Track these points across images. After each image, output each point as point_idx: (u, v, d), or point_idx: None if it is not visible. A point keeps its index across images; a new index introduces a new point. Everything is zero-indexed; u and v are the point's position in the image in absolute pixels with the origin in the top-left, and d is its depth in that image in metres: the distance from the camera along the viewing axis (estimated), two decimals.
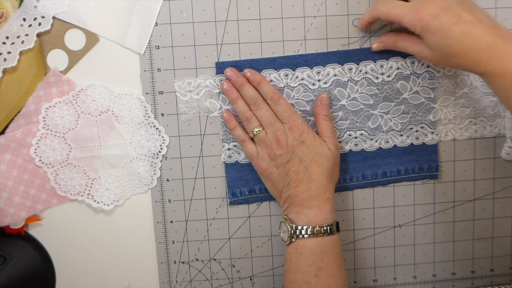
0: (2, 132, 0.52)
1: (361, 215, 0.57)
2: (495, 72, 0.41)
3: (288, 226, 0.48)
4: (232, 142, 0.54)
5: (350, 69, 0.53)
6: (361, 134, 0.54)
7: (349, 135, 0.54)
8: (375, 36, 0.53)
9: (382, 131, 0.54)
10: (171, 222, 0.56)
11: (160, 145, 0.54)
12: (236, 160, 0.54)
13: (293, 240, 0.48)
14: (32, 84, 0.51)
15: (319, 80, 0.53)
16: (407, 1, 0.47)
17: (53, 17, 0.50)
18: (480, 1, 0.53)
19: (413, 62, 0.53)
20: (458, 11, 0.43)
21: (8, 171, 0.52)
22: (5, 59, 0.49)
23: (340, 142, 0.54)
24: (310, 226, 0.47)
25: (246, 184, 0.55)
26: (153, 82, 0.53)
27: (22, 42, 0.50)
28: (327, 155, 0.50)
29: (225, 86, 0.51)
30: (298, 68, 0.53)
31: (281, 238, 0.50)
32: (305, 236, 0.47)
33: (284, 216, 0.50)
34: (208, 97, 0.53)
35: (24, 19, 0.50)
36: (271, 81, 0.53)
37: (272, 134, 0.50)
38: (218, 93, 0.53)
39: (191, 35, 0.52)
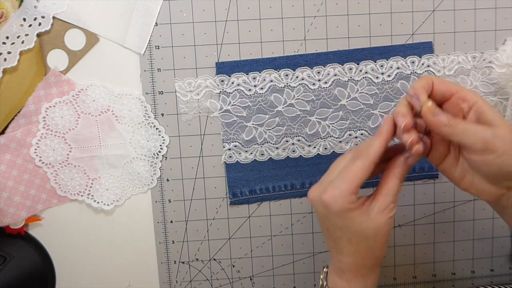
0: (2, 132, 0.52)
1: None
2: None
3: (321, 279, 0.43)
4: (233, 142, 0.54)
5: (350, 69, 0.53)
6: (362, 134, 0.54)
7: (350, 135, 0.54)
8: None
9: None
10: (171, 222, 0.56)
11: (160, 145, 0.54)
12: (237, 160, 0.54)
13: None
14: (32, 84, 0.51)
15: (319, 80, 0.53)
16: None
17: (53, 17, 0.50)
18: (480, 1, 0.53)
19: (413, 62, 0.53)
20: None
21: (8, 171, 0.52)
22: (5, 59, 0.49)
23: (340, 142, 0.54)
24: None
25: (246, 184, 0.55)
26: (153, 82, 0.53)
27: (22, 42, 0.50)
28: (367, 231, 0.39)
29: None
30: (298, 68, 0.53)
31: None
32: None
33: (328, 264, 0.45)
34: (209, 97, 0.53)
35: (24, 19, 0.50)
36: (271, 81, 0.53)
37: None
38: (218, 93, 0.53)
39: (191, 35, 0.52)
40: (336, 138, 0.54)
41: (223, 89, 0.53)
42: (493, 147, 0.36)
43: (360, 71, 0.53)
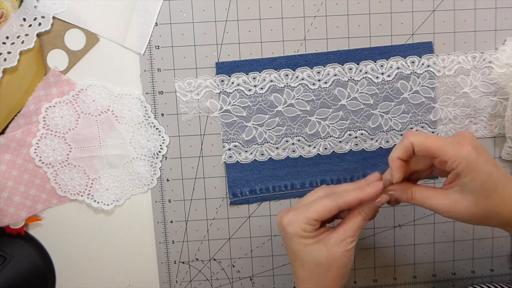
0: (2, 132, 0.52)
1: None
2: None
3: None
4: (233, 142, 0.54)
5: (350, 69, 0.53)
6: (362, 134, 0.54)
7: (350, 135, 0.54)
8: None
9: (383, 131, 0.54)
10: (171, 222, 0.56)
11: (160, 145, 0.54)
12: (237, 160, 0.54)
13: None
14: (32, 84, 0.51)
15: (319, 80, 0.53)
16: None
17: (53, 17, 0.50)
18: (480, 1, 0.53)
19: (413, 62, 0.53)
20: (488, 154, 0.38)
21: (8, 171, 0.52)
22: (5, 59, 0.49)
23: (340, 142, 0.54)
24: None
25: (247, 184, 0.55)
26: (153, 82, 0.53)
27: (22, 42, 0.50)
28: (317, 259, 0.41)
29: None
30: (298, 68, 0.53)
31: None
32: None
33: None
34: (209, 97, 0.53)
35: (24, 19, 0.50)
36: (271, 81, 0.53)
37: None
38: (218, 93, 0.53)
39: (191, 35, 0.52)
40: (336, 138, 0.54)
41: (223, 89, 0.53)
42: (457, 215, 0.39)
43: (360, 71, 0.53)
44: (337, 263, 0.41)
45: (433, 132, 0.55)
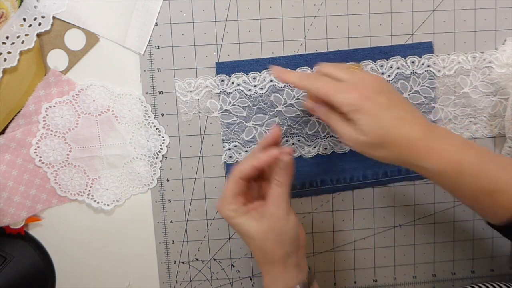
0: (2, 132, 0.52)
1: (361, 215, 0.57)
2: (434, 168, 0.40)
3: None
4: (233, 142, 0.54)
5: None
6: None
7: None
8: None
9: None
10: (171, 222, 0.56)
11: (160, 145, 0.54)
12: (237, 160, 0.54)
13: None
14: (32, 84, 0.51)
15: None
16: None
17: (53, 17, 0.50)
18: (480, 1, 0.53)
19: (413, 62, 0.53)
20: (393, 96, 0.41)
21: (8, 171, 0.52)
22: (5, 59, 0.49)
23: (340, 142, 0.54)
24: None
25: None
26: (153, 82, 0.53)
27: (22, 42, 0.50)
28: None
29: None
30: (298, 68, 0.53)
31: None
32: None
33: None
34: (209, 97, 0.53)
35: (24, 19, 0.50)
36: (271, 81, 0.53)
37: None
38: (218, 93, 0.53)
39: (191, 35, 0.52)
40: (336, 138, 0.54)
41: (223, 89, 0.53)
42: (354, 147, 0.42)
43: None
44: (270, 232, 0.43)
45: None
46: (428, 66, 0.53)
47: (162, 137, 0.54)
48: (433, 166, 0.40)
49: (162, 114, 0.53)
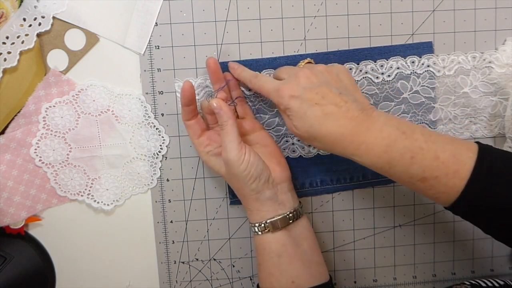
0: (2, 132, 0.52)
1: (361, 215, 0.57)
2: (364, 161, 0.41)
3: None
4: None
5: (350, 69, 0.53)
6: None
7: None
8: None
9: None
10: (171, 222, 0.56)
11: (160, 145, 0.54)
12: None
13: None
14: (32, 84, 0.51)
15: None
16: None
17: (53, 17, 0.50)
18: (480, 1, 0.53)
19: (413, 62, 0.53)
20: (323, 91, 0.42)
21: (8, 171, 0.52)
22: (5, 59, 0.49)
23: None
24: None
25: None
26: (153, 82, 0.53)
27: (22, 42, 0.50)
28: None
29: None
30: None
31: None
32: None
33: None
34: (208, 97, 0.53)
35: (24, 19, 0.50)
36: None
37: None
38: None
39: (191, 35, 0.52)
40: None
41: None
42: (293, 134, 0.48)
43: (360, 71, 0.53)
44: (230, 174, 0.47)
45: None
46: (428, 66, 0.53)
47: (162, 137, 0.54)
48: (363, 160, 0.41)
49: (162, 114, 0.53)
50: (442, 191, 0.40)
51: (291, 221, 0.48)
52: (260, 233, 0.47)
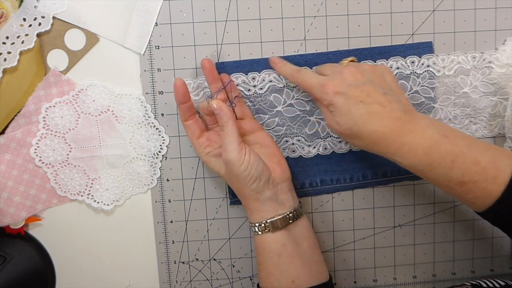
0: (2, 132, 0.52)
1: (361, 215, 0.57)
2: (404, 162, 0.42)
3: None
4: None
5: None
6: None
7: None
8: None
9: None
10: (171, 222, 0.56)
11: (160, 145, 0.54)
12: None
13: None
14: (32, 84, 0.51)
15: None
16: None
17: (53, 17, 0.50)
18: (480, 1, 0.53)
19: (413, 62, 0.53)
20: (368, 89, 0.42)
21: (8, 171, 0.52)
22: (5, 59, 0.49)
23: (340, 142, 0.54)
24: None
25: None
26: (153, 82, 0.53)
27: (22, 42, 0.50)
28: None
29: None
30: None
31: None
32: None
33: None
34: (208, 98, 0.53)
35: (24, 19, 0.50)
36: (270, 81, 0.53)
37: None
38: None
39: (191, 35, 0.52)
40: (336, 138, 0.54)
41: None
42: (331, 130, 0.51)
43: None
44: (230, 175, 0.47)
45: None
46: (428, 66, 0.53)
47: (162, 137, 0.54)
48: (404, 161, 0.42)
49: (162, 114, 0.53)
50: (479, 195, 0.40)
51: (291, 221, 0.48)
52: (260, 233, 0.47)
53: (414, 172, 0.42)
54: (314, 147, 0.55)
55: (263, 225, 0.47)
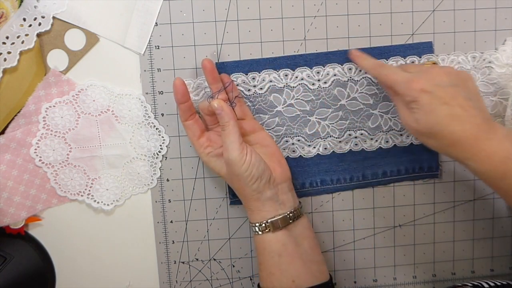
0: (2, 132, 0.52)
1: (361, 215, 0.57)
2: (479, 168, 0.42)
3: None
4: None
5: (350, 69, 0.53)
6: (361, 134, 0.54)
7: (349, 135, 0.54)
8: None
9: (382, 131, 0.54)
10: (171, 222, 0.56)
11: (160, 145, 0.54)
12: None
13: None
14: (32, 84, 0.51)
15: (319, 80, 0.53)
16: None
17: (53, 17, 0.50)
18: (480, 1, 0.53)
19: (413, 62, 0.53)
20: (453, 92, 0.43)
21: (8, 171, 0.52)
22: (5, 59, 0.49)
23: (340, 142, 0.54)
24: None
25: None
26: (153, 82, 0.53)
27: (22, 42, 0.50)
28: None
29: None
30: (297, 68, 0.53)
31: None
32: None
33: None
34: (209, 98, 0.53)
35: (24, 19, 0.50)
36: (270, 81, 0.53)
37: None
38: None
39: (191, 35, 0.52)
40: (336, 138, 0.54)
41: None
42: (405, 126, 0.49)
43: (360, 71, 0.53)
44: (231, 174, 0.47)
45: None
46: None
47: (162, 137, 0.54)
48: (478, 167, 0.42)
49: (162, 114, 0.53)
50: None
51: (291, 221, 0.48)
52: (260, 232, 0.48)
53: (486, 180, 0.42)
54: (314, 147, 0.55)
55: (263, 225, 0.47)
